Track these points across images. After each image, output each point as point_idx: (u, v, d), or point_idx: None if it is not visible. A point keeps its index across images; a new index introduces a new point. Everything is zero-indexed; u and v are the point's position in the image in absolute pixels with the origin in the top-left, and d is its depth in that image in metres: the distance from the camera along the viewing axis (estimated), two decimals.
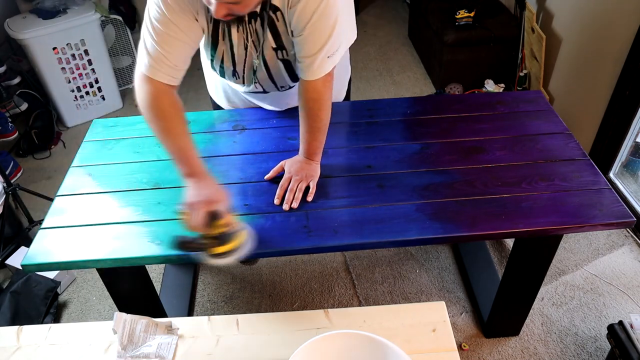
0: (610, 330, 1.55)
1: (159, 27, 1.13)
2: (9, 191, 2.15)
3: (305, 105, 1.31)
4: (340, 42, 1.24)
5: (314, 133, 1.35)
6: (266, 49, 1.27)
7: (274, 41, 1.25)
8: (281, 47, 1.27)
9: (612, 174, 2.25)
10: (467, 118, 1.62)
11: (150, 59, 1.16)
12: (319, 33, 1.17)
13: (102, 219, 1.32)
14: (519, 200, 1.32)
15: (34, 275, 1.95)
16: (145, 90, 1.18)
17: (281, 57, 1.30)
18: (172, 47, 1.15)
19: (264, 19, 1.20)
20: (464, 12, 2.82)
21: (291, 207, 1.31)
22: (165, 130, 1.18)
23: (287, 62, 1.32)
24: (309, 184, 1.35)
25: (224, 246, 1.11)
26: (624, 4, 2.00)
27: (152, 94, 1.18)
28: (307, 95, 1.29)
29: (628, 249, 2.10)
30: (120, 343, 0.99)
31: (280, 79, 1.39)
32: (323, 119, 1.33)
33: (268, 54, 1.29)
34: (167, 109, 1.18)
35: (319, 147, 1.37)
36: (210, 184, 1.14)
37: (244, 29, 1.23)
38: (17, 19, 2.65)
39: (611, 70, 2.10)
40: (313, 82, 1.25)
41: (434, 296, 1.95)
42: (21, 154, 2.76)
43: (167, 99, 1.18)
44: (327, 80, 1.26)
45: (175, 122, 1.18)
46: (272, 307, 1.94)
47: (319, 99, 1.29)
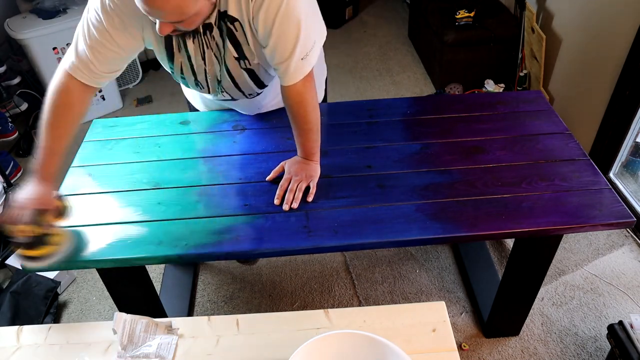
0: (610, 330, 1.55)
1: (95, 34, 1.14)
2: (9, 191, 2.15)
3: (291, 110, 1.31)
4: (314, 42, 1.22)
5: (306, 134, 1.35)
6: (228, 59, 1.27)
7: (235, 51, 1.25)
8: (243, 56, 1.27)
9: (612, 174, 2.25)
10: (467, 118, 1.62)
11: (78, 60, 1.17)
12: (285, 37, 1.16)
13: (102, 219, 1.32)
14: (519, 200, 1.32)
15: (34, 275, 1.95)
16: (59, 80, 1.19)
17: (244, 66, 1.30)
18: (102, 56, 1.17)
19: (222, 29, 1.20)
20: (464, 12, 2.82)
21: (291, 207, 1.31)
22: (49, 124, 1.17)
23: (250, 70, 1.31)
24: (309, 184, 1.35)
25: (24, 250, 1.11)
26: (624, 4, 2.00)
27: (62, 88, 1.18)
28: (291, 100, 1.29)
29: (628, 249, 2.10)
30: (120, 343, 0.99)
31: (247, 87, 1.39)
32: (311, 120, 1.32)
33: (231, 64, 1.29)
34: (64, 105, 1.18)
35: (315, 147, 1.37)
36: (44, 190, 1.13)
37: (199, 40, 1.23)
38: (17, 19, 2.65)
39: (611, 70, 2.10)
40: (293, 87, 1.25)
41: (434, 296, 1.95)
42: (21, 154, 2.76)
43: (71, 98, 1.19)
44: (307, 81, 1.26)
45: (60, 123, 1.18)
46: (272, 307, 1.94)
47: (302, 102, 1.29)
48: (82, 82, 1.19)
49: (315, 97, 1.32)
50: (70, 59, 1.18)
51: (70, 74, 1.19)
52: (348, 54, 3.49)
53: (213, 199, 1.36)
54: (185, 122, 1.64)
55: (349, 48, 3.55)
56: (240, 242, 1.24)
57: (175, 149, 1.54)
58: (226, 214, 1.31)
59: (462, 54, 2.87)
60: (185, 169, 1.46)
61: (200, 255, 1.23)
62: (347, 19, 3.85)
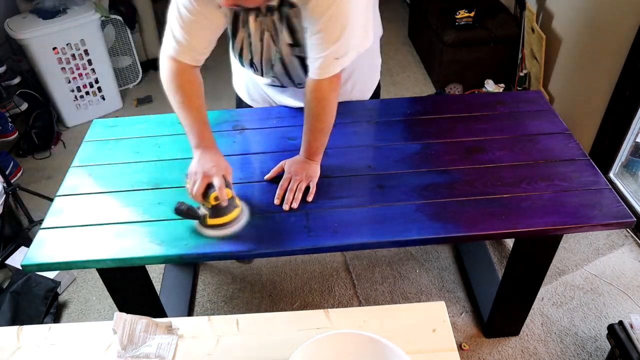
0: (610, 330, 1.55)
1: (187, 14, 1.19)
2: (9, 191, 2.15)
3: (310, 105, 1.31)
4: (352, 47, 1.24)
5: (316, 134, 1.35)
6: (282, 44, 1.30)
7: (290, 37, 1.27)
8: (297, 43, 1.29)
9: (612, 174, 2.25)
10: (467, 118, 1.62)
11: (177, 44, 1.24)
12: (329, 32, 1.18)
13: (102, 219, 1.32)
14: (519, 200, 1.32)
15: (34, 275, 1.95)
16: (169, 66, 1.27)
17: (297, 53, 1.32)
18: (198, 33, 1.23)
19: (283, 14, 1.23)
20: (464, 12, 2.82)
21: (291, 207, 1.31)
22: (182, 103, 1.26)
23: (302, 59, 1.33)
24: (309, 184, 1.35)
25: (216, 219, 1.20)
26: (624, 4, 2.00)
27: (176, 71, 1.26)
28: (312, 95, 1.29)
29: (628, 249, 2.10)
30: (120, 343, 0.99)
31: (296, 75, 1.41)
32: (326, 120, 1.33)
33: (284, 50, 1.31)
34: (186, 85, 1.27)
35: (320, 148, 1.37)
36: (214, 157, 1.22)
37: (261, 20, 1.26)
38: (17, 19, 2.65)
39: (611, 71, 2.10)
40: (319, 82, 1.26)
41: (434, 296, 1.95)
42: (21, 154, 2.76)
43: (187, 76, 1.27)
44: (333, 82, 1.27)
45: (192, 97, 1.27)
46: (272, 307, 1.94)
47: (322, 100, 1.29)
48: (187, 63, 1.26)
49: (336, 100, 1.32)
50: (170, 46, 1.25)
51: (175, 59, 1.26)
52: None
53: None
54: None
55: None
56: (240, 242, 1.23)
57: (175, 149, 1.54)
58: None
59: (462, 54, 2.87)
60: (185, 169, 1.45)
61: (200, 255, 1.23)
62: None
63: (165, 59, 1.28)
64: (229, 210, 1.21)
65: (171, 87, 1.27)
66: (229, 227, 1.22)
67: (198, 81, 1.29)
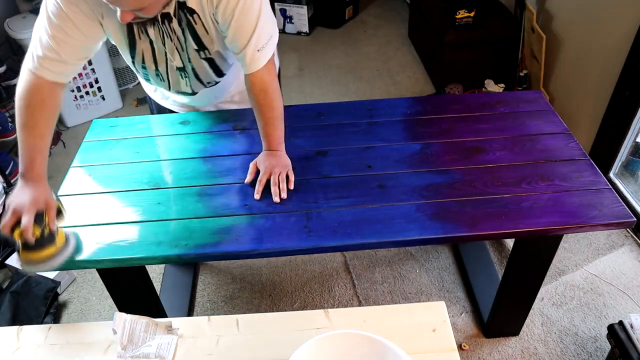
0: (610, 330, 1.55)
1: (56, 22, 1.13)
2: (9, 191, 2.15)
3: (257, 99, 1.34)
4: (270, 36, 1.29)
5: (273, 123, 1.38)
6: (190, 50, 1.32)
7: (194, 43, 1.30)
8: (202, 47, 1.32)
9: (612, 174, 2.25)
10: (467, 118, 1.62)
11: (41, 54, 1.15)
12: (243, 29, 1.23)
13: (102, 219, 1.32)
14: (519, 200, 1.32)
15: (34, 276, 1.95)
16: (26, 80, 1.17)
17: (204, 56, 1.35)
18: (66, 44, 1.16)
19: (182, 20, 1.24)
20: (464, 12, 2.82)
21: (281, 198, 1.34)
22: (24, 125, 1.16)
23: (210, 60, 1.37)
24: (287, 173, 1.38)
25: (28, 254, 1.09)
26: (624, 4, 2.00)
27: (31, 87, 1.16)
28: (256, 89, 1.33)
29: (628, 249, 2.10)
30: (120, 343, 0.99)
31: (206, 76, 1.43)
32: (276, 107, 1.36)
33: (192, 55, 1.34)
34: (37, 105, 1.16)
35: (281, 135, 1.40)
36: (35, 191, 1.12)
37: (159, 28, 1.26)
38: (17, 19, 2.65)
39: (611, 71, 2.10)
40: (256, 74, 1.30)
41: (434, 296, 1.95)
42: None
43: (43, 95, 1.17)
44: (269, 69, 1.31)
45: (38, 121, 1.16)
46: (272, 307, 1.94)
47: (267, 89, 1.33)
48: (48, 79, 1.17)
49: (277, 85, 1.36)
50: (34, 56, 1.16)
51: (34, 73, 1.16)
52: (348, 54, 3.48)
53: (213, 199, 1.36)
54: (185, 122, 1.64)
55: (349, 48, 3.55)
56: (240, 242, 1.24)
57: (175, 149, 1.54)
58: (226, 214, 1.31)
59: (462, 54, 2.87)
60: (185, 169, 1.46)
61: (200, 255, 1.23)
62: (347, 19, 3.85)
63: (25, 71, 1.17)
64: (41, 247, 1.10)
65: (21, 103, 1.15)
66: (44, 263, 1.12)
67: (53, 103, 1.18)
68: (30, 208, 1.08)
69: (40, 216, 1.10)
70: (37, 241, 1.08)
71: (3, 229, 1.08)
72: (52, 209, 1.14)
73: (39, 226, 1.09)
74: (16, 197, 1.11)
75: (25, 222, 1.06)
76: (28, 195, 1.10)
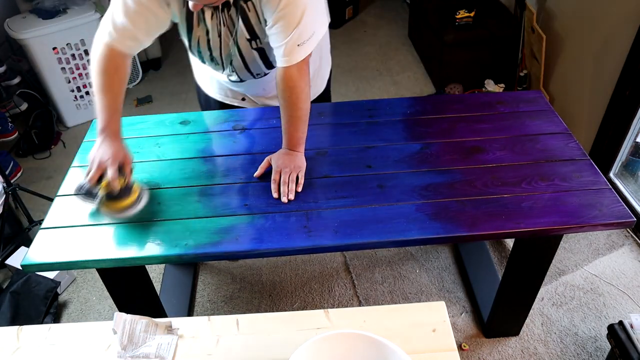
0: (610, 330, 1.55)
1: (130, 4, 1.22)
2: (9, 191, 2.15)
3: (284, 95, 1.34)
4: (312, 32, 1.27)
5: (295, 123, 1.37)
6: (240, 39, 1.33)
7: (247, 32, 1.30)
8: (254, 37, 1.32)
9: (612, 174, 2.25)
10: (467, 118, 1.62)
11: (115, 29, 1.25)
12: (287, 21, 1.22)
13: (102, 219, 1.32)
14: (519, 200, 1.32)
15: (34, 275, 1.95)
16: (101, 50, 1.27)
17: (255, 46, 1.35)
18: (138, 22, 1.25)
19: (237, 8, 1.26)
20: (464, 12, 2.82)
21: (288, 199, 1.33)
22: (101, 86, 1.26)
23: (261, 50, 1.37)
24: (298, 175, 1.37)
25: (110, 205, 1.25)
26: (624, 4, 2.00)
27: (106, 55, 1.27)
28: (284, 85, 1.32)
29: (628, 249, 2.10)
30: (120, 343, 0.99)
31: (256, 67, 1.43)
32: (302, 107, 1.35)
33: (242, 44, 1.34)
34: (111, 70, 1.27)
35: (302, 137, 1.40)
36: (114, 146, 1.23)
37: (217, 16, 1.29)
38: (17, 19, 2.65)
39: (611, 70, 2.10)
40: (288, 70, 1.29)
41: (434, 296, 1.95)
42: (21, 154, 2.76)
43: (116, 62, 1.28)
44: (301, 68, 1.30)
45: (113, 83, 1.27)
46: (272, 307, 1.94)
47: (295, 87, 1.32)
48: (119, 50, 1.27)
49: (308, 86, 1.35)
50: (107, 30, 1.26)
51: (108, 45, 1.27)
52: (348, 54, 3.48)
53: (213, 199, 1.36)
54: (185, 122, 1.64)
55: (349, 48, 3.55)
56: (240, 242, 1.24)
57: (175, 149, 1.54)
58: (226, 214, 1.31)
59: (462, 54, 2.87)
60: (185, 169, 1.46)
61: (200, 255, 1.23)
62: (347, 19, 3.85)
63: (99, 43, 1.28)
64: (122, 197, 1.25)
65: (96, 69, 1.27)
66: (124, 212, 1.27)
67: (124, 71, 1.30)
68: (113, 161, 1.20)
69: (120, 169, 1.22)
70: (121, 191, 1.23)
71: (90, 181, 1.21)
72: (130, 163, 1.27)
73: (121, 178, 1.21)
74: (98, 152, 1.22)
75: (111, 174, 1.19)
76: (109, 150, 1.21)
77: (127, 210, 1.27)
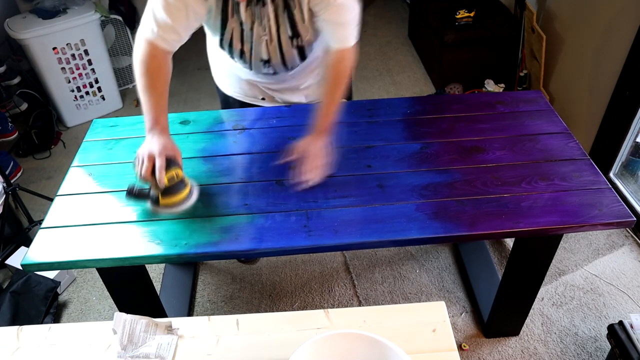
0: (610, 330, 1.55)
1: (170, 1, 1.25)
2: (9, 191, 2.15)
3: (331, 76, 1.38)
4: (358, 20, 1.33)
5: (331, 106, 1.40)
6: (282, 34, 1.36)
7: (290, 29, 1.34)
8: (296, 34, 1.37)
9: (612, 174, 2.25)
10: (467, 118, 1.62)
11: (157, 26, 1.27)
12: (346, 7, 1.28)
13: (102, 219, 1.32)
14: (519, 200, 1.32)
15: (34, 275, 1.95)
16: (144, 49, 1.30)
17: (296, 44, 1.39)
18: (179, 17, 1.27)
19: (278, 5, 1.29)
20: (464, 12, 2.82)
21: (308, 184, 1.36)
22: (147, 87, 1.29)
23: (301, 48, 1.41)
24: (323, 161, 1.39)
25: (167, 198, 1.25)
26: (624, 4, 2.00)
27: (149, 54, 1.30)
28: (336, 67, 1.36)
29: (628, 249, 2.10)
30: (120, 343, 0.99)
31: (292, 61, 1.48)
32: (343, 90, 1.40)
33: (284, 40, 1.38)
34: (155, 70, 1.30)
35: (332, 121, 1.42)
36: (162, 141, 1.25)
37: (252, 10, 1.31)
38: (17, 19, 2.65)
39: (611, 70, 2.10)
40: (342, 52, 1.34)
41: (434, 296, 1.95)
42: (21, 154, 2.76)
43: (159, 62, 1.31)
44: (353, 51, 1.36)
45: (157, 83, 1.31)
46: (272, 307, 1.94)
47: (345, 70, 1.37)
48: (162, 47, 1.30)
49: (350, 73, 1.40)
50: (149, 28, 1.28)
51: (151, 42, 1.29)
52: None
53: (213, 199, 1.36)
54: (185, 122, 1.64)
55: None
56: (240, 242, 1.24)
57: None
58: (226, 214, 1.31)
59: (462, 54, 2.87)
60: (185, 169, 1.46)
61: (200, 254, 1.23)
62: None
63: (141, 40, 1.30)
64: (178, 190, 1.26)
65: (140, 69, 1.30)
66: (179, 206, 1.27)
67: (166, 69, 1.34)
68: (161, 153, 1.21)
69: (171, 163, 1.22)
70: (172, 186, 1.23)
71: (145, 174, 1.20)
72: (180, 156, 1.29)
73: (172, 170, 1.22)
74: (147, 147, 1.23)
75: (159, 163, 1.20)
76: (158, 144, 1.23)
77: (182, 204, 1.27)
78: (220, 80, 1.72)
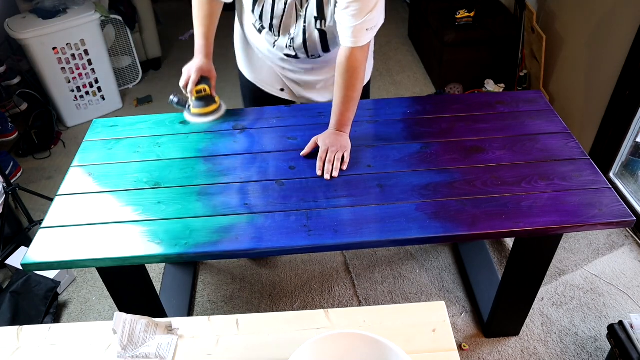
0: (610, 330, 1.55)
1: None
2: (9, 191, 2.15)
3: (344, 75, 1.40)
4: (379, 21, 1.35)
5: (348, 103, 1.43)
6: (309, 14, 1.38)
7: (316, 10, 1.36)
8: (322, 16, 1.39)
9: (612, 174, 2.25)
10: (467, 118, 1.62)
11: None
12: (363, 4, 1.28)
13: (102, 219, 1.32)
14: (518, 200, 1.32)
15: (34, 275, 1.95)
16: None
17: (319, 27, 1.41)
18: None
19: None
20: (464, 12, 2.82)
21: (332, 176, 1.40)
22: (202, 15, 1.49)
23: (323, 32, 1.43)
24: (344, 155, 1.43)
25: (198, 108, 1.55)
26: (624, 4, 2.00)
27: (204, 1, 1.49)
28: (347, 65, 1.38)
29: (628, 249, 2.10)
30: (120, 343, 0.99)
31: (313, 47, 1.49)
32: (358, 89, 1.42)
33: (308, 20, 1.40)
34: (206, 7, 1.49)
35: (351, 118, 1.46)
36: (205, 61, 1.50)
37: None
38: (17, 19, 2.65)
39: (611, 70, 2.10)
40: (352, 50, 1.36)
41: (434, 296, 1.95)
42: (21, 154, 2.76)
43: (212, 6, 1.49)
44: (365, 51, 1.39)
45: (206, 17, 1.50)
46: (272, 307, 1.94)
47: (356, 69, 1.39)
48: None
49: (365, 71, 1.43)
50: None
51: None
52: None
53: (213, 199, 1.36)
54: (185, 122, 1.64)
55: None
56: (240, 242, 1.24)
57: (175, 149, 1.54)
58: (226, 213, 1.31)
59: (462, 54, 2.87)
60: (185, 169, 1.46)
61: (200, 254, 1.23)
62: None
63: None
64: (208, 103, 1.54)
65: (196, 4, 1.50)
66: (208, 117, 1.56)
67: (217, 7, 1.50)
68: (197, 70, 1.48)
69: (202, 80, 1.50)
70: (204, 97, 1.53)
71: (182, 84, 1.50)
72: (214, 77, 1.54)
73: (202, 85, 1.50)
74: (190, 65, 1.50)
75: (194, 77, 1.48)
76: (197, 64, 1.49)
77: (211, 115, 1.56)
78: (243, 65, 1.74)
